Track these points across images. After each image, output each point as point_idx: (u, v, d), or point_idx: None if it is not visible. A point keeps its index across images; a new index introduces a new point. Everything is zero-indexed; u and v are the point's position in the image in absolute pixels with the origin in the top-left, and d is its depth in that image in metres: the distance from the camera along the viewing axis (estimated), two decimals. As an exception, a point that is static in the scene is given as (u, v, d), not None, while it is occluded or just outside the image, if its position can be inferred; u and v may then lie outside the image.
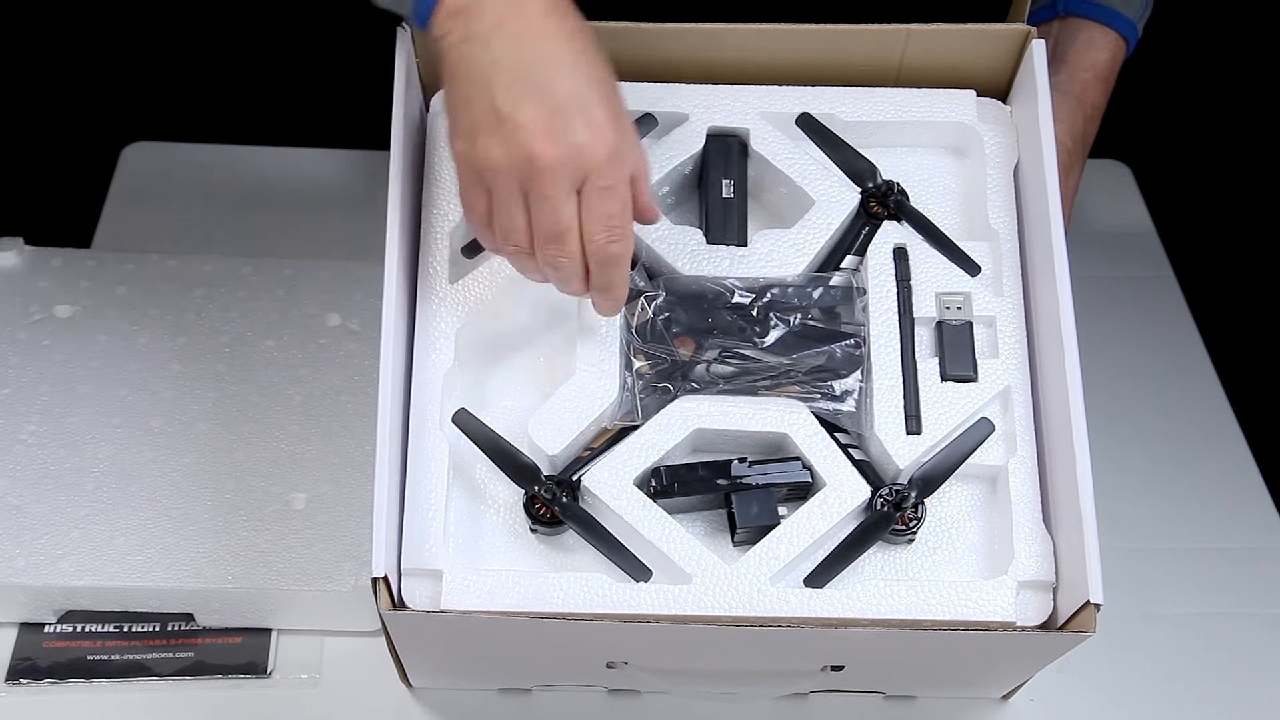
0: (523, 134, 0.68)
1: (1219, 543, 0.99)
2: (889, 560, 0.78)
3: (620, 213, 0.71)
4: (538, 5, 0.69)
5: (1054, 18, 0.95)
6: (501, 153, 0.69)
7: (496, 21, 0.69)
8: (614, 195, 0.70)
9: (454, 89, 0.71)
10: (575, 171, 0.69)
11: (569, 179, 0.69)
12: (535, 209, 0.70)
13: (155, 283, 1.01)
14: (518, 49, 0.69)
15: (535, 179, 0.69)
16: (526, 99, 0.68)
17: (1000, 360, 0.80)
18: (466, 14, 0.69)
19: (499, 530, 0.78)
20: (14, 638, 0.88)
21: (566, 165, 0.69)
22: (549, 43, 0.69)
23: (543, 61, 0.69)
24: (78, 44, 1.50)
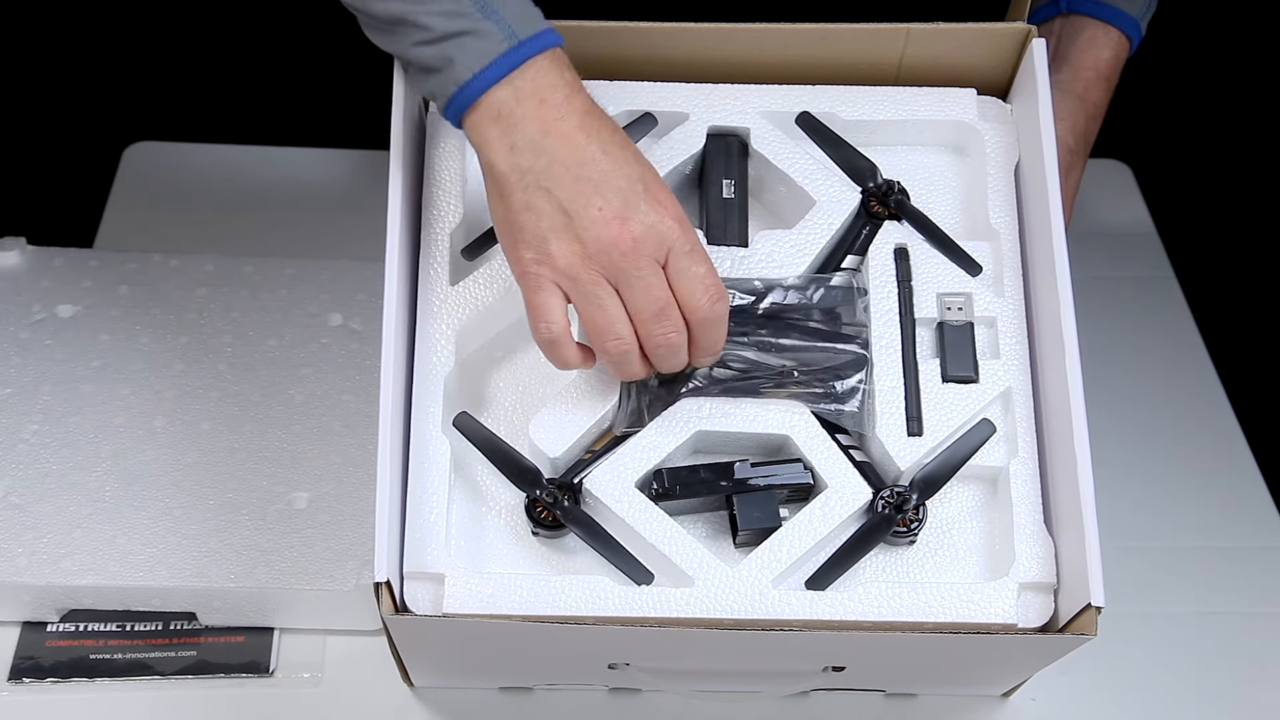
0: (598, 226, 0.69)
1: (1219, 542, 0.99)
2: (890, 562, 0.78)
3: (710, 270, 0.72)
4: (574, 107, 0.71)
5: (1057, 15, 0.95)
6: (579, 249, 0.70)
7: (541, 128, 0.70)
8: (699, 256, 0.72)
9: (511, 198, 0.71)
10: (657, 246, 0.70)
11: (652, 256, 0.70)
12: (630, 294, 0.71)
13: (157, 282, 1.01)
14: (571, 149, 0.70)
15: (623, 264, 0.70)
16: (591, 194, 0.69)
17: (1001, 361, 0.80)
18: (508, 122, 0.70)
19: (500, 533, 0.78)
20: (16, 637, 0.88)
21: (648, 242, 0.70)
22: (595, 139, 0.70)
23: (596, 157, 0.70)
24: (80, 44, 1.50)
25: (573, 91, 0.71)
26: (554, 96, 0.70)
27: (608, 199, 0.70)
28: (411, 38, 0.71)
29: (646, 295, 0.71)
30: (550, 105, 0.70)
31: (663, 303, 0.71)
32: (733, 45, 0.85)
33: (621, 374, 0.74)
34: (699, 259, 0.71)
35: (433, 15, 0.70)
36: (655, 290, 0.71)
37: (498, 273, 0.80)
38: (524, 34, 0.70)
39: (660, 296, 0.71)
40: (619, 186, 0.70)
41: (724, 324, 0.73)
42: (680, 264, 0.71)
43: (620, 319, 0.71)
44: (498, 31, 0.70)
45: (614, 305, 0.71)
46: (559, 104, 0.70)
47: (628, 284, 0.70)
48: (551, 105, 0.70)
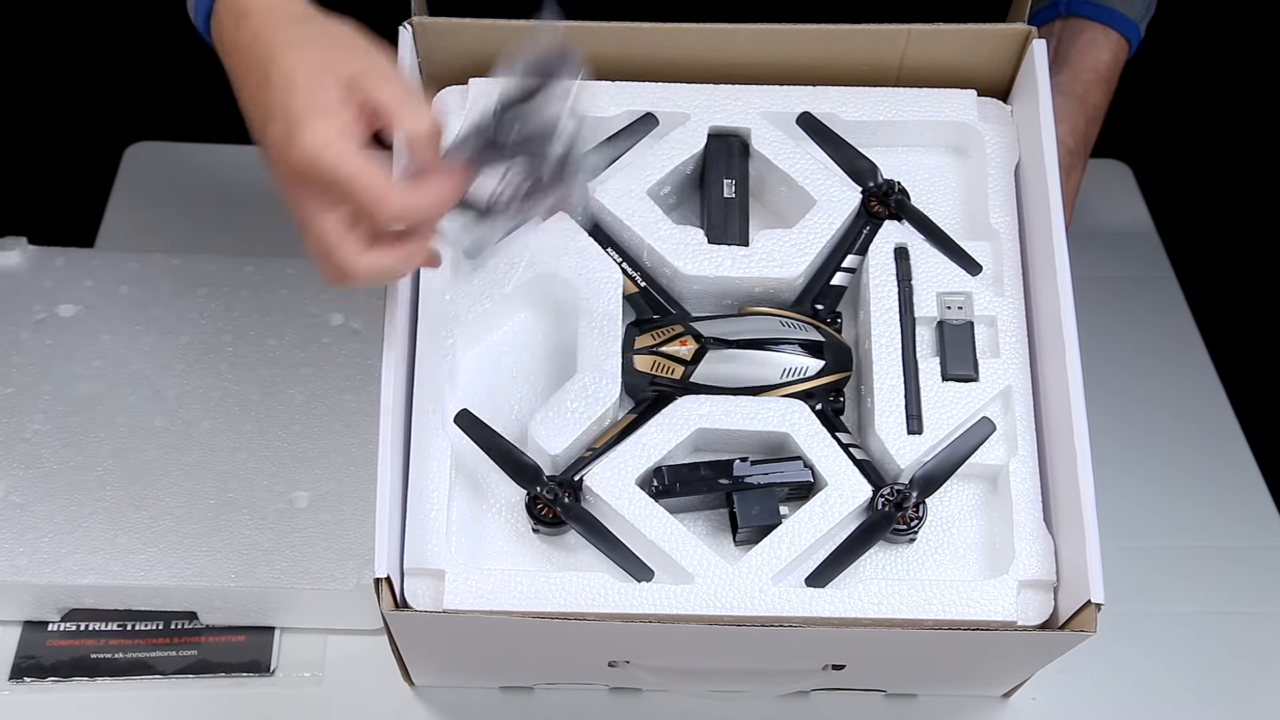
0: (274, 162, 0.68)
1: (1219, 541, 0.99)
2: (890, 560, 0.78)
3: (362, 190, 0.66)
4: (244, 37, 0.69)
5: (1056, 18, 0.95)
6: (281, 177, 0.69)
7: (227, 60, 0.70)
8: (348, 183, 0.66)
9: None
10: (297, 179, 0.67)
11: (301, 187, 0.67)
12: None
13: (158, 282, 1.01)
14: (243, 85, 0.70)
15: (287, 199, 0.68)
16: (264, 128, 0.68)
17: (1001, 360, 0.80)
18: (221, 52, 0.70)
19: (501, 530, 0.78)
20: (18, 636, 0.88)
21: (303, 187, 0.67)
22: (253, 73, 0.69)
23: (251, 91, 0.68)
24: (81, 44, 1.51)
25: (240, 19, 0.69)
26: (227, 35, 0.70)
27: (272, 134, 0.67)
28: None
29: (310, 240, 0.68)
30: (225, 45, 0.70)
31: (322, 244, 0.68)
32: (734, 46, 0.85)
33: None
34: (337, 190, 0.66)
35: None
36: (311, 232, 0.68)
37: (500, 271, 0.80)
38: None
39: (316, 240, 0.68)
40: (273, 126, 0.67)
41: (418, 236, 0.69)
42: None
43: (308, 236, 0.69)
44: None
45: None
46: (231, 41, 0.70)
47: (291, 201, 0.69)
48: (227, 44, 0.70)
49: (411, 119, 0.67)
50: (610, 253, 0.81)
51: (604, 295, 0.80)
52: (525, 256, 0.81)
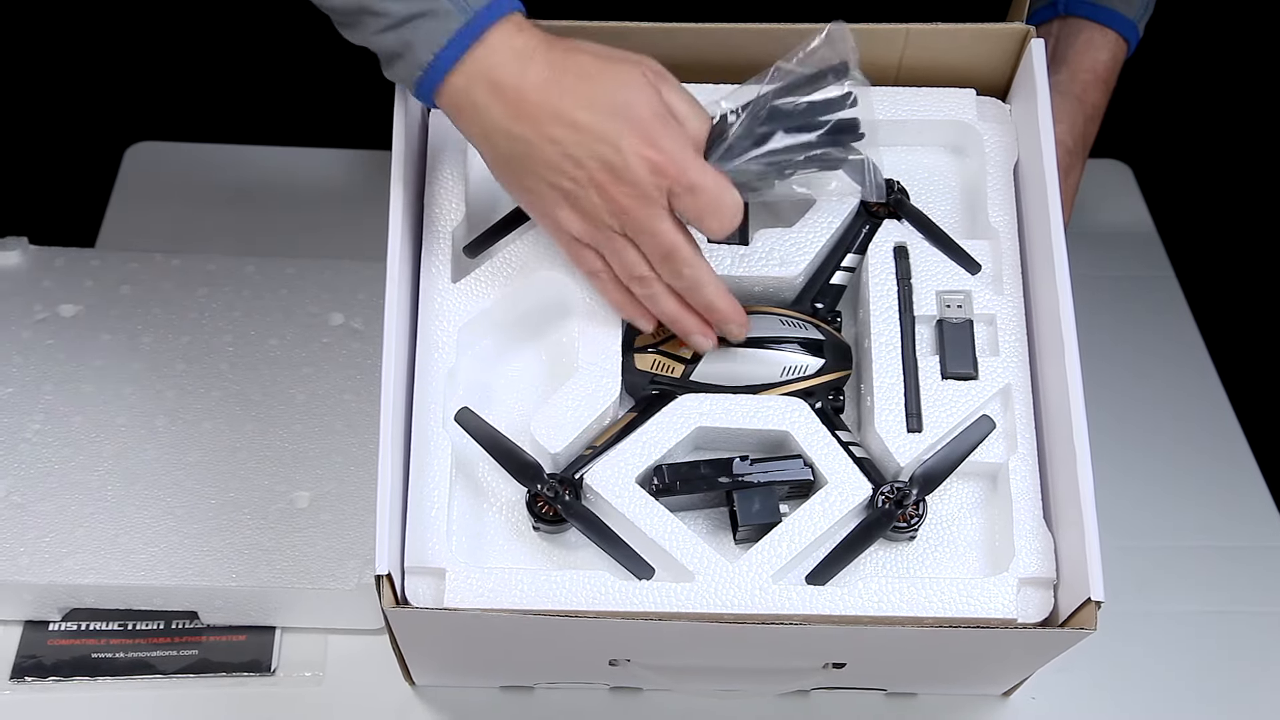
0: (590, 194, 0.71)
1: (1219, 541, 0.99)
2: (890, 557, 0.79)
3: (713, 189, 0.71)
4: (529, 80, 0.70)
5: (1054, 17, 0.95)
6: (582, 216, 0.72)
7: (505, 113, 0.70)
8: (698, 186, 0.71)
9: (508, 182, 0.74)
10: (653, 191, 0.70)
11: (652, 201, 0.71)
12: (641, 244, 0.72)
13: (159, 282, 1.01)
14: (536, 128, 0.70)
15: (625, 221, 0.71)
16: (572, 167, 0.70)
17: (1001, 358, 0.80)
18: (472, 110, 0.71)
19: (501, 528, 0.78)
20: (19, 636, 0.89)
21: (639, 196, 0.70)
22: (557, 107, 0.70)
23: (562, 129, 0.70)
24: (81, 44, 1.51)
25: (528, 58, 0.70)
26: (505, 75, 0.70)
27: (589, 168, 0.70)
28: (371, 26, 0.71)
29: (653, 244, 0.72)
30: (505, 87, 0.70)
31: (667, 247, 0.72)
32: (733, 45, 0.85)
33: (661, 314, 0.76)
34: (698, 187, 0.71)
35: (389, 0, 0.70)
36: (660, 238, 0.71)
37: (499, 270, 0.80)
38: (477, 4, 0.69)
39: (663, 242, 0.72)
40: (594, 151, 0.70)
41: (735, 220, 0.73)
42: (680, 198, 0.71)
43: (637, 262, 0.73)
44: (452, 9, 0.69)
45: (633, 254, 0.73)
46: (512, 83, 0.70)
47: (636, 237, 0.72)
48: (506, 87, 0.70)
49: (695, 122, 0.73)
50: (610, 252, 0.81)
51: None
52: (525, 256, 0.81)
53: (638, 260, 0.73)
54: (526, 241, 0.81)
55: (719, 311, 0.76)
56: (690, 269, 0.73)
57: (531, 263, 0.80)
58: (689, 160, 0.71)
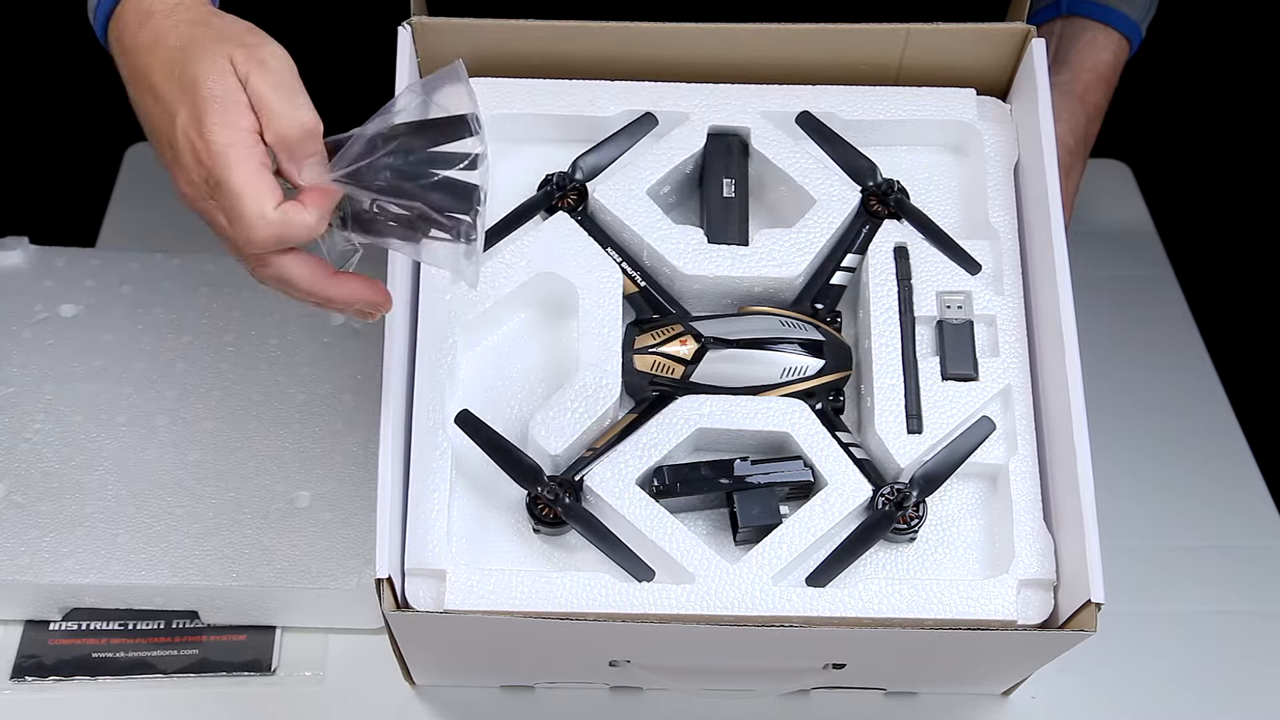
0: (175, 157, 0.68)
1: (1219, 541, 0.99)
2: (890, 559, 0.79)
3: (241, 187, 0.65)
4: (132, 27, 0.69)
5: (1057, 17, 0.95)
6: (178, 180, 0.69)
7: (121, 65, 0.70)
8: (221, 190, 0.66)
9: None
10: (192, 177, 0.67)
11: (195, 184, 0.68)
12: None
13: (160, 282, 1.01)
14: (134, 85, 0.70)
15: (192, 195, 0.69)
16: (153, 132, 0.70)
17: (1001, 359, 0.80)
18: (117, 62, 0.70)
19: (502, 530, 0.78)
20: (19, 635, 0.89)
21: (187, 176, 0.68)
22: (143, 60, 0.69)
23: (141, 81, 0.69)
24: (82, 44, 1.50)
25: (144, 19, 0.69)
26: (126, 35, 0.70)
27: (164, 137, 0.68)
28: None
29: (216, 229, 0.69)
30: (125, 48, 0.70)
31: (221, 236, 0.68)
32: (733, 45, 0.85)
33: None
34: (221, 187, 0.65)
35: None
36: (213, 226, 0.68)
37: (500, 271, 0.80)
38: None
39: (217, 231, 0.68)
40: (162, 123, 0.68)
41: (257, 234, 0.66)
42: (214, 197, 0.67)
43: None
44: None
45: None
46: (128, 43, 0.70)
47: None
48: (126, 48, 0.70)
49: (285, 120, 0.67)
50: (610, 252, 0.81)
51: (604, 295, 0.80)
52: (525, 256, 0.81)
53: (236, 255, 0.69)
54: (526, 242, 0.81)
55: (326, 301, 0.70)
56: (273, 272, 0.68)
57: (532, 263, 0.80)
58: (226, 154, 0.65)
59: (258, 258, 0.67)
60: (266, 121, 0.66)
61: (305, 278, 0.68)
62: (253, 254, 0.67)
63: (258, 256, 0.67)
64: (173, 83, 0.67)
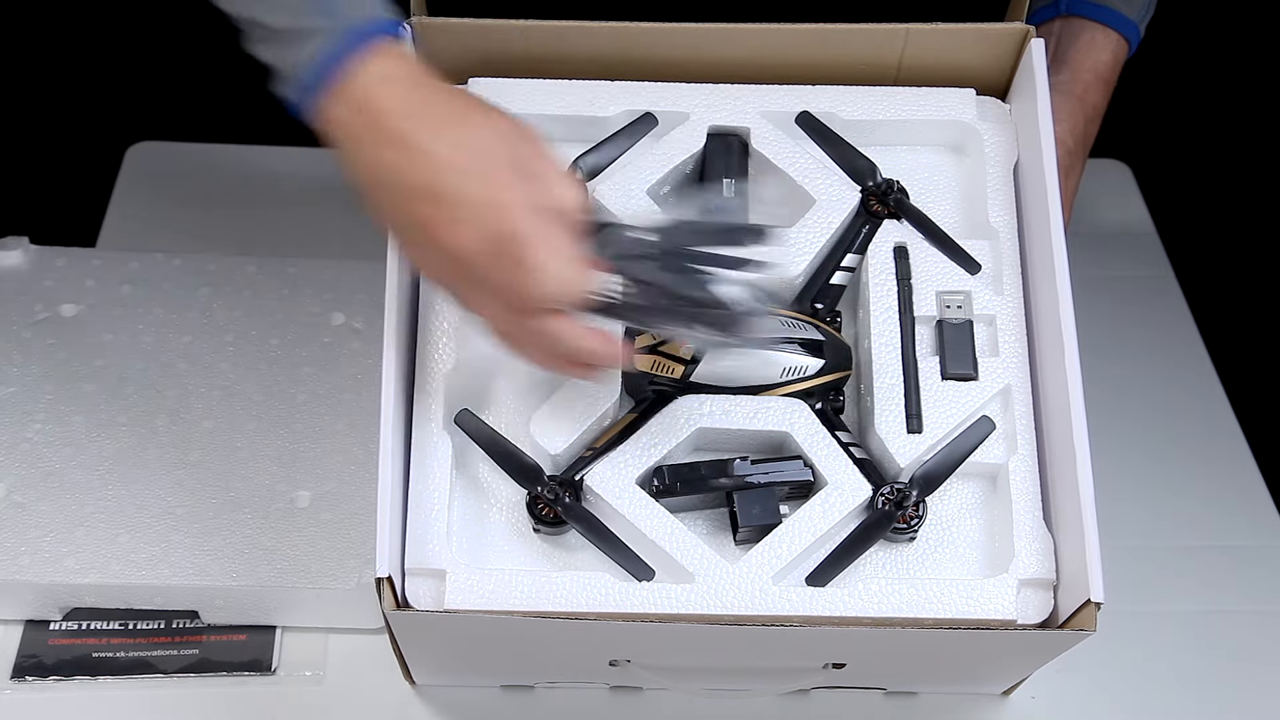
0: (433, 227, 0.67)
1: (1219, 541, 0.99)
2: (890, 558, 0.79)
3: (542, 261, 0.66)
4: (404, 101, 0.68)
5: (1055, 17, 0.95)
6: (428, 254, 0.69)
7: (371, 136, 0.68)
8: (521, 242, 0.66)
9: (371, 207, 0.71)
10: (487, 242, 0.67)
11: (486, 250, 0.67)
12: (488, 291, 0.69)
13: (160, 282, 1.01)
14: (404, 157, 0.67)
15: (469, 265, 0.68)
16: (415, 197, 0.67)
17: (1000, 359, 0.80)
18: (340, 130, 0.68)
19: (502, 530, 0.78)
20: (19, 635, 0.89)
21: (477, 235, 0.67)
22: (407, 125, 0.67)
23: (407, 146, 0.67)
24: (83, 44, 1.51)
25: (393, 85, 0.68)
26: (374, 99, 0.67)
27: (438, 203, 0.67)
28: (255, 36, 0.70)
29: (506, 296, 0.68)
30: (371, 112, 0.68)
31: (515, 298, 0.68)
32: (733, 45, 0.85)
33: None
34: (520, 241, 0.66)
35: (277, 12, 0.68)
36: (513, 290, 0.68)
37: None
38: (354, 26, 0.67)
39: (514, 296, 0.68)
40: (443, 187, 0.67)
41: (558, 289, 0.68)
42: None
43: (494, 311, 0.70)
44: (328, 28, 0.67)
45: (483, 300, 0.69)
46: (378, 107, 0.68)
47: (481, 284, 0.69)
48: (372, 111, 0.67)
49: (561, 190, 0.68)
50: (610, 252, 0.81)
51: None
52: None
53: (496, 310, 0.69)
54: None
55: (589, 359, 0.70)
56: (541, 325, 0.68)
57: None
58: (514, 209, 0.67)
59: (534, 312, 0.68)
60: (543, 189, 0.68)
61: (576, 334, 0.69)
62: (534, 308, 0.67)
63: (534, 311, 0.68)
64: (455, 148, 0.67)
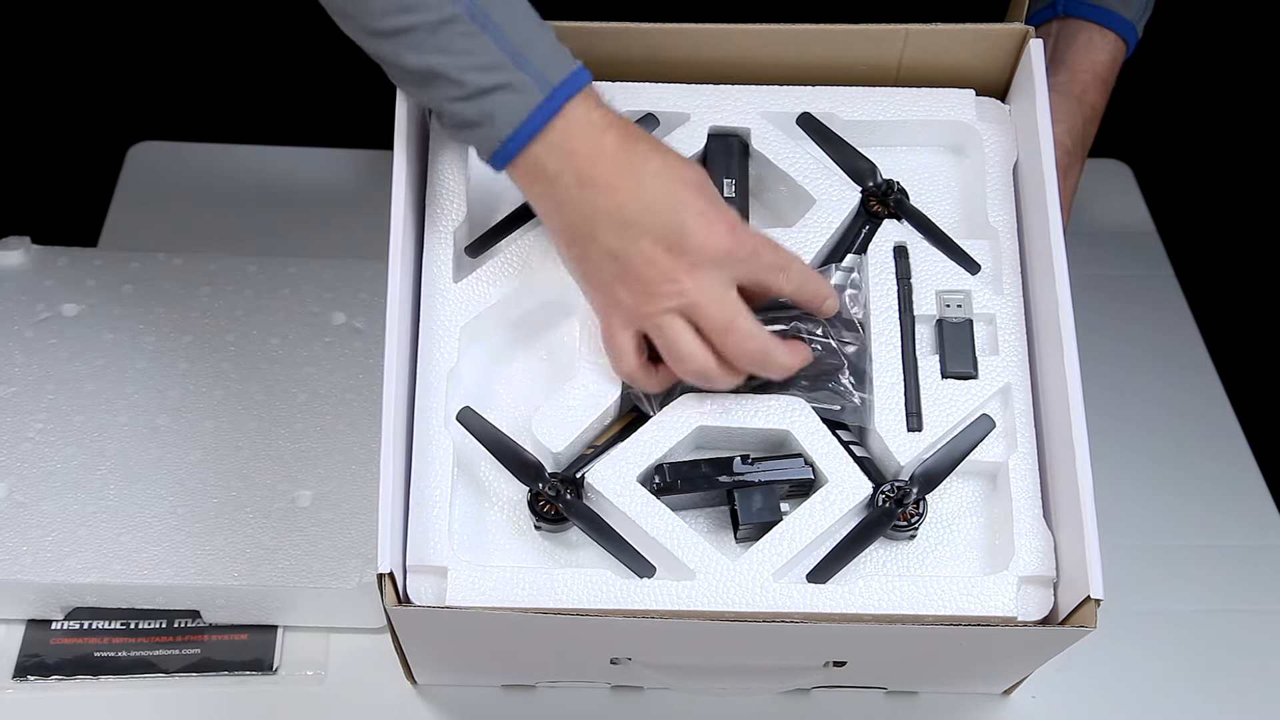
0: (649, 267, 0.71)
1: (1219, 540, 0.99)
2: (891, 556, 0.79)
3: (796, 266, 0.75)
4: (604, 149, 0.71)
5: (1053, 18, 0.95)
6: (639, 290, 0.72)
7: (578, 180, 0.71)
8: (766, 263, 0.73)
9: (569, 251, 0.74)
10: (715, 267, 0.72)
11: (712, 277, 0.72)
12: (698, 316, 0.72)
13: (161, 281, 1.02)
14: (607, 196, 0.71)
15: (685, 292, 0.71)
16: (636, 236, 0.71)
17: (1000, 357, 0.80)
18: (547, 180, 0.72)
19: (503, 527, 0.79)
20: (21, 635, 0.89)
21: (703, 268, 0.71)
22: (628, 176, 0.71)
23: (631, 197, 0.71)
24: (84, 44, 1.51)
25: (602, 130, 0.72)
26: (583, 145, 0.71)
27: (653, 238, 0.71)
28: (446, 93, 0.71)
29: (714, 312, 0.72)
30: (580, 155, 0.71)
31: (727, 317, 0.72)
32: (733, 46, 0.85)
33: (716, 388, 0.76)
34: (766, 265, 0.73)
35: (467, 71, 0.70)
36: (721, 307, 0.72)
37: (501, 270, 0.80)
38: (556, 80, 0.71)
39: (722, 314, 0.72)
40: (660, 222, 0.71)
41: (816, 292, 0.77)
42: (758, 272, 0.73)
43: (689, 343, 0.73)
44: (531, 84, 0.70)
45: (684, 334, 0.73)
46: (589, 151, 0.71)
47: (693, 309, 0.72)
48: (582, 155, 0.71)
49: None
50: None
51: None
52: (527, 255, 0.81)
53: (688, 339, 0.73)
54: (528, 241, 0.81)
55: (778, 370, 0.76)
56: (753, 341, 0.73)
57: (533, 262, 0.81)
58: (747, 232, 0.73)
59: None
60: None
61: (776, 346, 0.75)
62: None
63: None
64: (665, 182, 0.72)
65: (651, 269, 0.71)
